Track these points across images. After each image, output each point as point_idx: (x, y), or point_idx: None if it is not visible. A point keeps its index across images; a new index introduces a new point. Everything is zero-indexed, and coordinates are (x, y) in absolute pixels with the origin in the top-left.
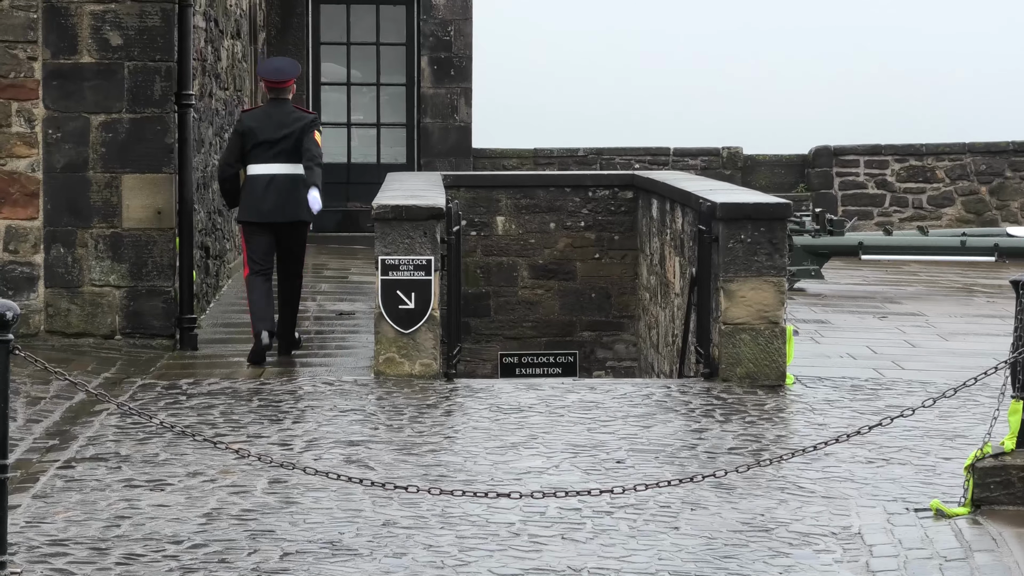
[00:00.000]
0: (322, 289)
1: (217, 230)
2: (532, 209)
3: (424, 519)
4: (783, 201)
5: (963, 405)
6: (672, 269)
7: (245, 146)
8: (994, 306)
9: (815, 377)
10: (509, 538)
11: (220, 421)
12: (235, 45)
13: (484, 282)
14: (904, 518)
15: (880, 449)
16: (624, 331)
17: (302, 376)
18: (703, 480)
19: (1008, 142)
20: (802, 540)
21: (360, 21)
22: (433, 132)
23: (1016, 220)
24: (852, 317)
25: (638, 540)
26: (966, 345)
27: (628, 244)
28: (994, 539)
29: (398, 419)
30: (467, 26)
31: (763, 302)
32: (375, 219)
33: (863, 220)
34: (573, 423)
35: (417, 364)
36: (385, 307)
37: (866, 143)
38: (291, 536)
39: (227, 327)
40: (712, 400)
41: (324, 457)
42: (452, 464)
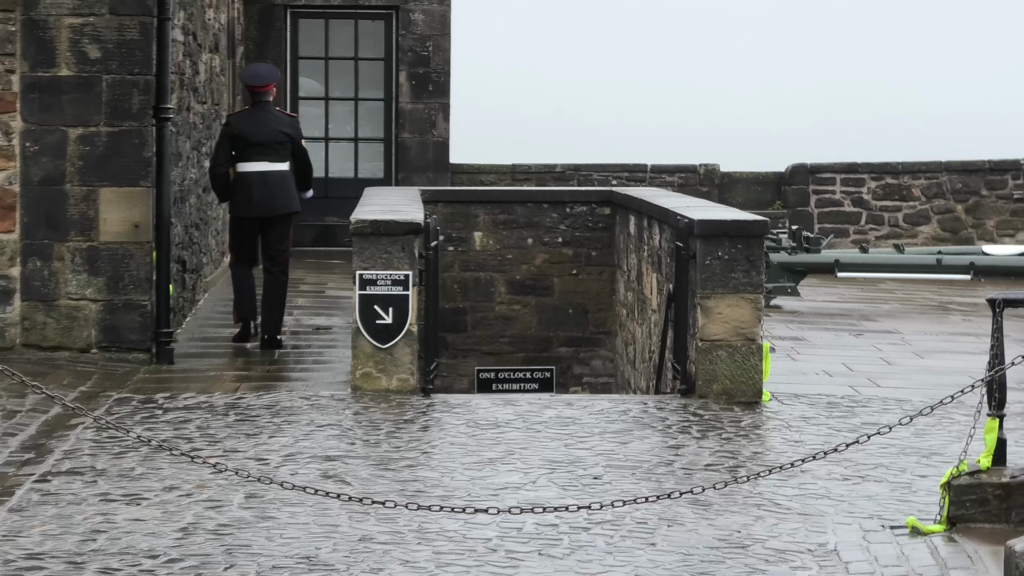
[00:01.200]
0: (299, 304)
1: (194, 244)
2: (510, 225)
3: (401, 535)
4: (760, 218)
5: (939, 423)
6: (649, 285)
7: (234, 147)
8: (970, 324)
9: (791, 394)
10: (486, 554)
11: (196, 435)
12: (213, 59)
13: (461, 297)
14: (880, 535)
15: (856, 466)
16: (601, 347)
17: (279, 390)
18: (680, 496)
19: (984, 161)
20: (778, 557)
21: (338, 36)
22: (411, 147)
23: (992, 239)
24: (828, 334)
25: (615, 556)
26: (942, 363)
27: (605, 260)
28: (970, 557)
29: (375, 434)
30: (445, 42)
31: (740, 319)
32: (353, 234)
33: (839, 238)
34: (550, 439)
35: (394, 379)
36: (362, 322)
37: (842, 161)
38: (267, 551)
39: (204, 341)
40: (689, 416)
41: (301, 472)
42: (429, 479)
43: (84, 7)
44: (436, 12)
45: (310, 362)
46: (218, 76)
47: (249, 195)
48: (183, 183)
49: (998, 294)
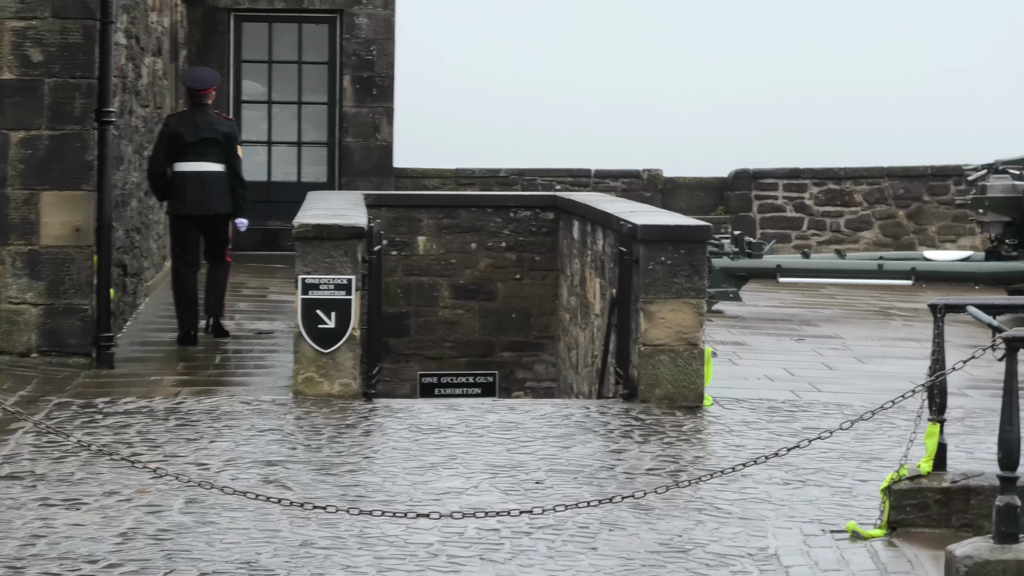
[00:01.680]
0: (241, 308)
1: (135, 248)
2: (454, 229)
3: (342, 539)
4: (703, 224)
5: (880, 428)
6: (592, 290)
7: (171, 147)
8: (911, 329)
9: (733, 399)
10: (428, 559)
11: (137, 440)
12: (156, 62)
13: (405, 302)
14: (820, 540)
15: (797, 471)
16: (544, 352)
17: (220, 395)
18: (621, 501)
19: (926, 167)
20: (719, 561)
21: (282, 39)
22: (355, 151)
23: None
24: (770, 339)
25: (556, 561)
26: (883, 368)
27: (549, 265)
28: (910, 561)
29: (316, 439)
30: (390, 46)
31: (682, 324)
32: (296, 238)
33: (781, 243)
34: (492, 443)
35: (336, 384)
36: (305, 326)
37: (785, 167)
38: (208, 556)
39: (144, 345)
40: (631, 421)
41: (241, 477)
42: (371, 484)
43: (27, 10)
44: (380, 16)
45: (251, 367)
46: (161, 80)
47: (184, 195)
48: (124, 187)
49: (939, 299)
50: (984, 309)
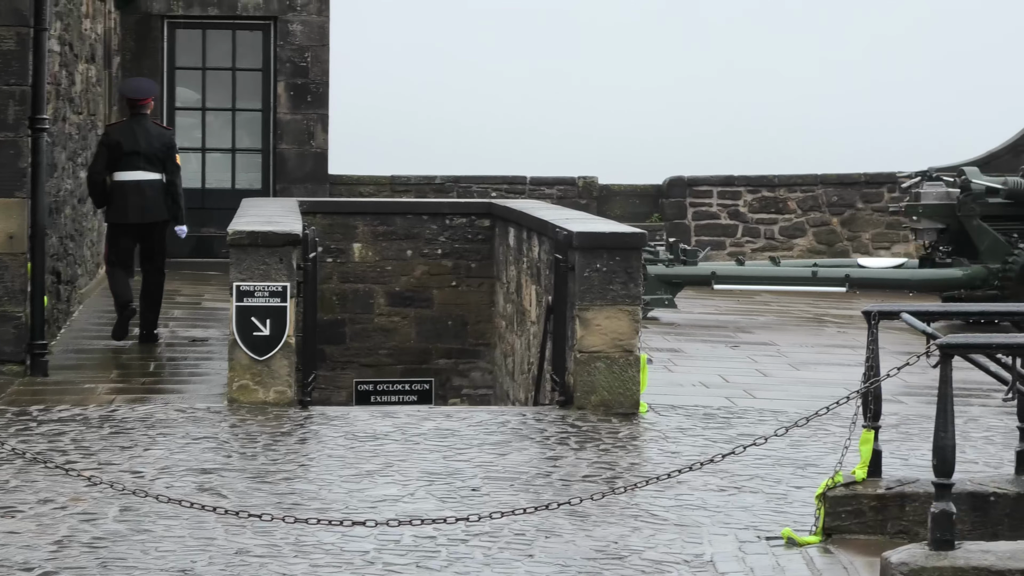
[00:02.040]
0: (176, 315)
1: (69, 255)
2: (389, 236)
3: (278, 548)
4: (638, 231)
5: (814, 434)
6: (528, 297)
7: (111, 156)
8: (845, 336)
9: (668, 405)
10: (363, 567)
11: (71, 448)
12: (89, 69)
13: (340, 309)
14: (756, 546)
15: (732, 477)
16: (480, 359)
17: (154, 403)
18: (558, 508)
19: (860, 174)
20: (655, 568)
21: (216, 46)
22: (289, 158)
23: (867, 251)
24: (705, 346)
25: (493, 568)
26: (817, 375)
27: (485, 272)
28: (845, 568)
29: (252, 447)
30: (324, 52)
31: (618, 331)
32: (230, 245)
33: (716, 250)
34: (429, 451)
35: (271, 391)
36: (239, 334)
37: (719, 174)
38: (143, 564)
39: (78, 353)
40: (567, 428)
41: (176, 485)
42: (306, 492)
43: None
44: (315, 23)
45: (186, 374)
46: (94, 87)
47: (124, 203)
48: (58, 194)
49: (873, 306)
50: (918, 316)
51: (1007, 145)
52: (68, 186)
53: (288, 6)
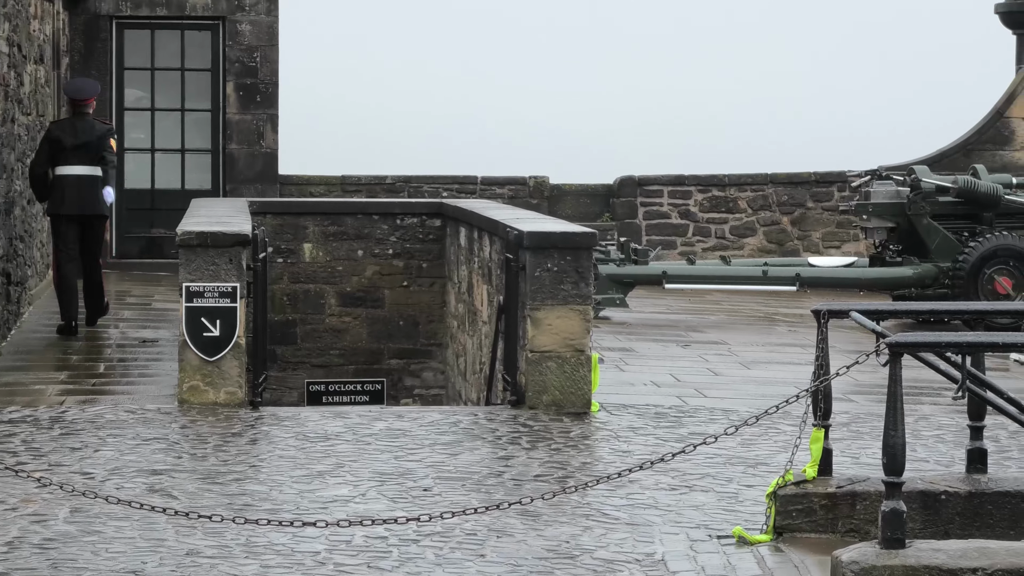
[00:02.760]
0: (125, 316)
1: (19, 256)
2: (340, 236)
3: (229, 548)
4: (589, 231)
5: (765, 433)
6: (480, 297)
7: (52, 151)
8: (795, 335)
9: (620, 404)
10: (315, 567)
11: (21, 449)
12: (38, 70)
13: (291, 309)
14: (707, 545)
15: (683, 476)
16: (432, 359)
17: (104, 404)
18: (509, 507)
19: (810, 173)
20: (606, 567)
21: (165, 46)
22: (239, 158)
23: (818, 250)
24: (656, 345)
25: (444, 568)
26: (768, 373)
27: (436, 272)
28: (796, 566)
29: (202, 448)
30: (273, 52)
31: (569, 330)
32: (180, 246)
33: (667, 249)
34: (380, 451)
35: (222, 392)
36: (189, 334)
37: (670, 174)
38: (93, 565)
39: (28, 354)
40: (519, 427)
41: (126, 486)
42: (257, 493)
43: None
44: (263, 23)
45: (136, 375)
46: (43, 87)
47: (63, 195)
48: (8, 195)
49: (823, 305)
50: (868, 315)
51: (957, 144)
52: (18, 187)
53: (237, 6)
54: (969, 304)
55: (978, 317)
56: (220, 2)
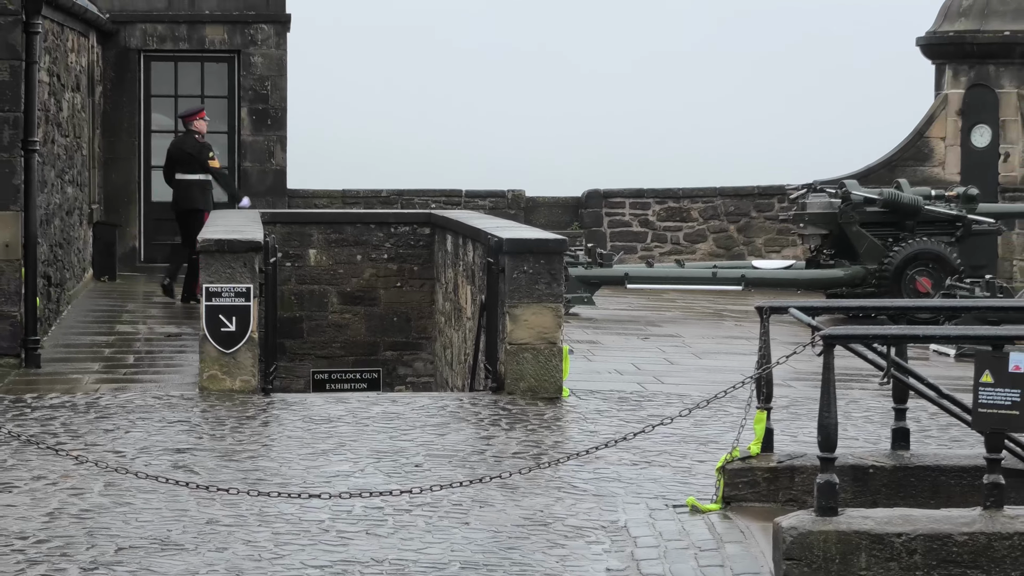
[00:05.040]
0: (151, 314)
1: (58, 261)
2: (341, 243)
3: (244, 518)
4: (560, 237)
5: (715, 415)
6: (464, 296)
7: (169, 161)
8: (741, 329)
9: (587, 390)
10: (319, 534)
11: (61, 431)
12: (75, 97)
13: (298, 307)
14: (664, 513)
15: (644, 453)
16: (422, 351)
17: (133, 391)
18: (490, 481)
19: (754, 186)
20: (576, 533)
21: (187, 76)
22: (252, 174)
23: (761, 254)
24: (619, 338)
25: (433, 534)
26: (717, 362)
27: (426, 274)
28: (742, 532)
29: (220, 429)
30: (282, 81)
31: (543, 325)
32: (200, 251)
33: (628, 254)
34: (377, 432)
35: (237, 380)
36: (209, 330)
37: (631, 187)
38: (124, 533)
39: (67, 347)
40: (499, 411)
41: (154, 463)
42: (269, 469)
43: None
44: (274, 56)
45: (162, 366)
46: (79, 112)
47: (174, 195)
48: (48, 207)
49: (765, 302)
50: (805, 311)
51: (883, 160)
52: (57, 200)
53: (250, 40)
54: (893, 301)
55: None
56: (235, 37)
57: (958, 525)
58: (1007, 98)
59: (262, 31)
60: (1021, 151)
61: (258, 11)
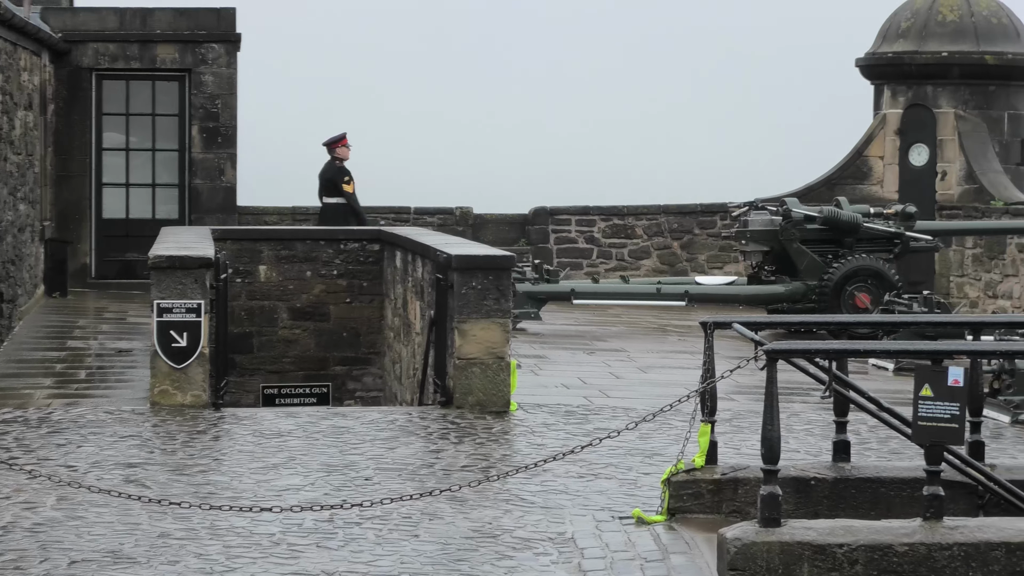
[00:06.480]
0: (103, 329)
1: (10, 277)
2: (291, 259)
3: (195, 531)
4: (508, 254)
5: (660, 428)
6: (413, 312)
7: (320, 185)
8: (685, 343)
9: (535, 404)
10: (270, 547)
11: (14, 446)
12: (27, 115)
13: (248, 323)
14: (610, 525)
15: (590, 466)
16: (372, 365)
17: (85, 406)
18: (440, 494)
19: (697, 204)
20: (524, 545)
21: (138, 94)
22: (203, 192)
23: (703, 270)
24: (566, 353)
25: (383, 547)
26: (662, 376)
27: (375, 290)
28: (687, 543)
29: (171, 443)
30: (233, 99)
31: (491, 340)
32: (151, 268)
33: (574, 270)
34: (327, 446)
35: (188, 395)
36: (160, 345)
37: (577, 204)
38: (77, 547)
39: (19, 363)
40: (448, 425)
41: (106, 477)
42: (220, 483)
43: None
44: (224, 74)
45: (113, 381)
46: (32, 131)
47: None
48: (1, 224)
49: (709, 318)
50: (748, 326)
51: (823, 178)
52: (9, 217)
53: (200, 60)
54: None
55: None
56: (186, 56)
57: (899, 536)
58: (945, 118)
59: (213, 50)
60: (958, 170)
61: (209, 30)
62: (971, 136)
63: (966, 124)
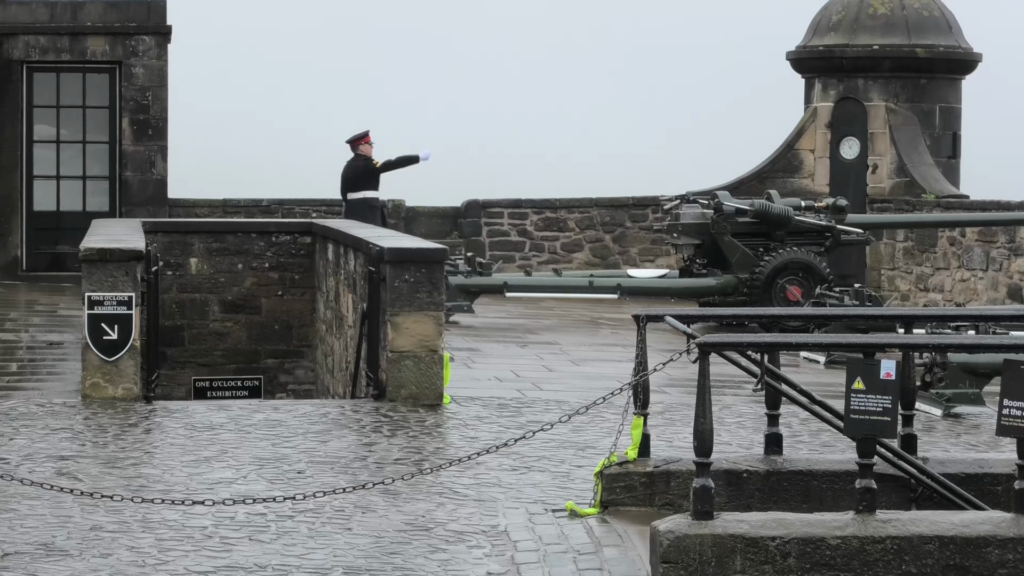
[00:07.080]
0: (34, 322)
1: None
2: (222, 252)
3: (127, 524)
4: (440, 247)
5: (592, 421)
6: (346, 304)
7: (342, 182)
8: (617, 336)
9: (468, 397)
10: (203, 540)
11: None
12: None
13: (179, 316)
14: (543, 518)
15: (523, 458)
16: (304, 358)
17: (16, 398)
18: (373, 487)
19: (629, 197)
20: (457, 537)
21: (68, 87)
22: (133, 184)
23: (635, 263)
24: (499, 346)
25: (316, 540)
26: (594, 369)
27: (307, 283)
28: (620, 535)
29: (103, 436)
30: (163, 92)
31: (424, 333)
32: (82, 260)
33: (507, 263)
34: (259, 439)
35: (120, 388)
36: (91, 338)
37: (509, 197)
38: (10, 539)
39: None
40: (381, 418)
41: (38, 470)
42: (152, 476)
43: None
44: (155, 67)
45: (44, 374)
46: None
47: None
48: None
49: (641, 311)
50: (680, 319)
51: (754, 172)
52: None
53: (131, 52)
54: (765, 309)
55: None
56: (117, 48)
57: (831, 529)
58: (875, 111)
59: (143, 42)
60: (889, 163)
61: (139, 23)
62: (902, 129)
63: (897, 117)
